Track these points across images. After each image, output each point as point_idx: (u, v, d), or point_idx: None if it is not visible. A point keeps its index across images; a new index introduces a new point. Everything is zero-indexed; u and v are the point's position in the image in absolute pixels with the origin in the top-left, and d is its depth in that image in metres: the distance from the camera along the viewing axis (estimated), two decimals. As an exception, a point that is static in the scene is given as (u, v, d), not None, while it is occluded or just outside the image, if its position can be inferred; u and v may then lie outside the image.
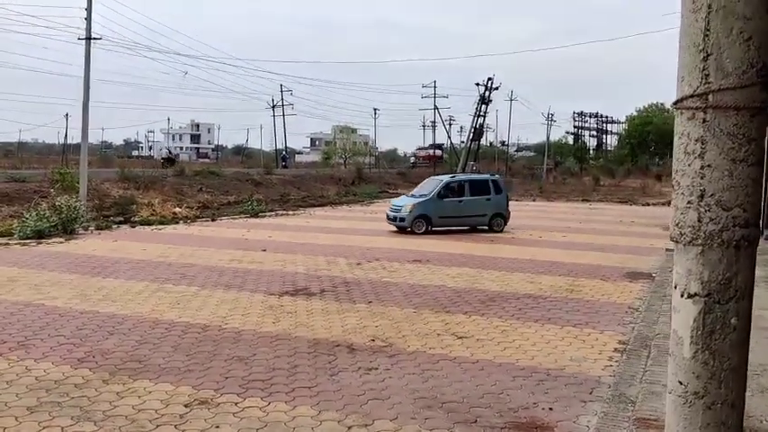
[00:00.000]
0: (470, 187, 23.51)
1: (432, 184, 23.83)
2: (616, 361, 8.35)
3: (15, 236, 19.12)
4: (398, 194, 46.03)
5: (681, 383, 2.79)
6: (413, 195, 23.81)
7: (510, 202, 24.33)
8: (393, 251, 17.61)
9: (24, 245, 17.93)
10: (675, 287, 2.83)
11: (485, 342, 9.09)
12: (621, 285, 13.39)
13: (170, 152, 66.31)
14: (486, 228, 23.09)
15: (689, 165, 2.74)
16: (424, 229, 21.98)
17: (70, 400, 6.69)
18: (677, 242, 2.82)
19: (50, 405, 6.53)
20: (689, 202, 2.74)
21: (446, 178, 24.36)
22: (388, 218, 23.01)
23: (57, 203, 20.85)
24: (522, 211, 33.20)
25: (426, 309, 10.97)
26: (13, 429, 5.95)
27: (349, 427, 6.16)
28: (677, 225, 2.80)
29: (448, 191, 23.08)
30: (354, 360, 8.17)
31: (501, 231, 22.99)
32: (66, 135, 76.22)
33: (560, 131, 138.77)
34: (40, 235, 19.10)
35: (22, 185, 27.47)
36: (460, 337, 9.28)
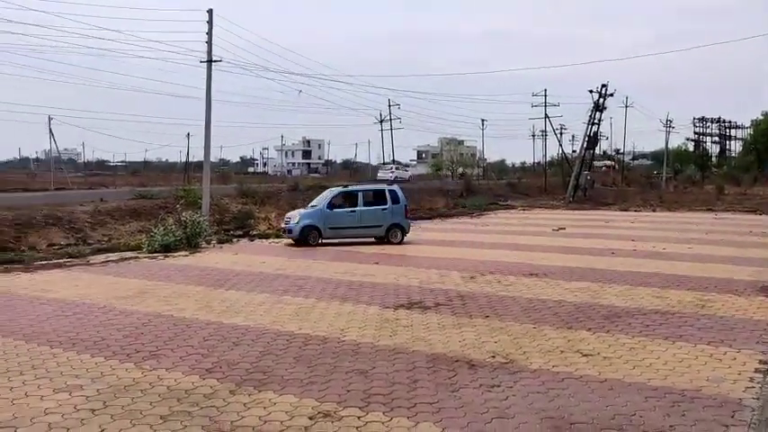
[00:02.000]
0: (364, 197, 23.39)
1: (325, 195, 23.82)
2: (758, 382, 7.73)
3: (144, 249, 20.23)
4: (510, 206, 45.39)
5: None
6: (311, 206, 23.47)
7: (627, 212, 23.26)
8: (507, 264, 17.25)
9: (152, 258, 18.91)
10: None
11: (612, 360, 8.66)
12: (757, 301, 12.47)
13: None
14: (384, 239, 22.83)
15: None
16: (317, 240, 21.97)
17: (200, 409, 6.89)
18: None
19: (182, 414, 6.75)
20: None
21: (337, 189, 24.29)
22: (282, 230, 23.30)
23: (181, 218, 21.92)
24: (642, 222, 31.83)
25: (546, 324, 10.61)
26: (149, 437, 6.18)
27: (474, 447, 5.99)
28: None
29: (339, 201, 23.13)
30: (475, 376, 7.98)
31: (399, 243, 22.63)
32: (187, 154, 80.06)
33: (679, 138, 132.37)
34: (166, 249, 20.10)
35: (149, 202, 29.12)
36: (585, 355, 8.89)
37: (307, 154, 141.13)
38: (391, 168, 53.85)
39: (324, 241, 22.38)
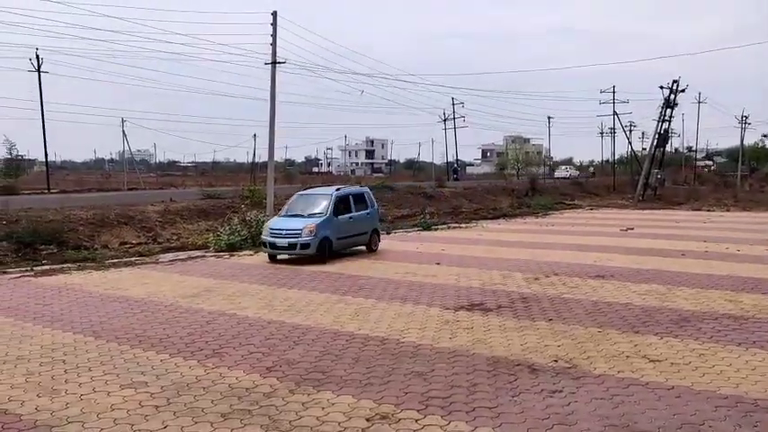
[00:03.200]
0: (354, 201, 20.01)
1: (317, 201, 19.47)
2: (841, 394, 7.30)
3: (211, 248, 20.70)
4: (576, 206, 44.47)
5: None
6: (291, 214, 19.06)
7: (699, 212, 22.32)
8: (572, 265, 16.87)
9: (219, 257, 19.32)
10: None
11: (680, 367, 8.34)
12: (841, 306, 11.80)
13: None
14: (368, 246, 20.26)
15: None
16: (326, 254, 18.15)
17: (259, 408, 6.97)
18: None
19: (242, 413, 6.84)
20: None
21: (334, 191, 19.80)
22: (266, 245, 18.41)
23: (246, 218, 22.31)
24: (715, 223, 30.67)
25: (612, 328, 10.31)
26: (210, 434, 6.28)
27: (534, 454, 5.85)
28: None
29: (341, 206, 19.29)
30: (536, 381, 7.82)
31: (376, 251, 20.19)
32: (254, 154, 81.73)
33: (756, 135, 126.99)
34: (232, 248, 20.51)
35: (216, 202, 29.78)
36: (652, 361, 8.59)
37: (370, 153, 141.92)
38: (566, 168, 51.79)
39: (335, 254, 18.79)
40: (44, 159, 47.00)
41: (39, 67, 44.98)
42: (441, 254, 19.44)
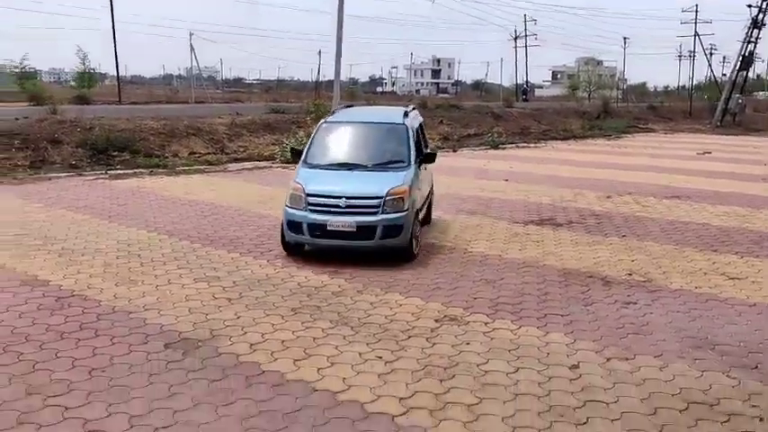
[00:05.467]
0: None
1: (384, 137, 10.22)
2: None
3: (277, 160, 20.84)
4: (650, 129, 42.83)
5: None
6: (339, 165, 9.58)
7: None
8: (646, 186, 16.27)
9: (284, 168, 19.42)
10: None
11: (762, 285, 8.00)
12: None
13: None
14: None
15: None
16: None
17: (328, 305, 7.02)
18: None
19: (311, 308, 6.91)
20: None
21: (406, 116, 10.37)
22: (300, 228, 8.80)
23: (311, 132, 22.26)
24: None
25: (689, 246, 9.94)
26: (279, 326, 6.37)
27: (608, 359, 5.73)
28: None
29: (418, 146, 10.11)
30: (610, 293, 7.62)
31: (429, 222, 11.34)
32: (318, 71, 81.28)
33: None
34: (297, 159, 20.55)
35: (281, 116, 29.80)
36: (732, 278, 8.26)
37: (436, 73, 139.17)
38: (739, 98, 48.57)
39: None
40: (114, 73, 47.83)
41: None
42: (509, 171, 19.04)
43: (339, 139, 10.19)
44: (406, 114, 10.39)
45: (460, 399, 5.00)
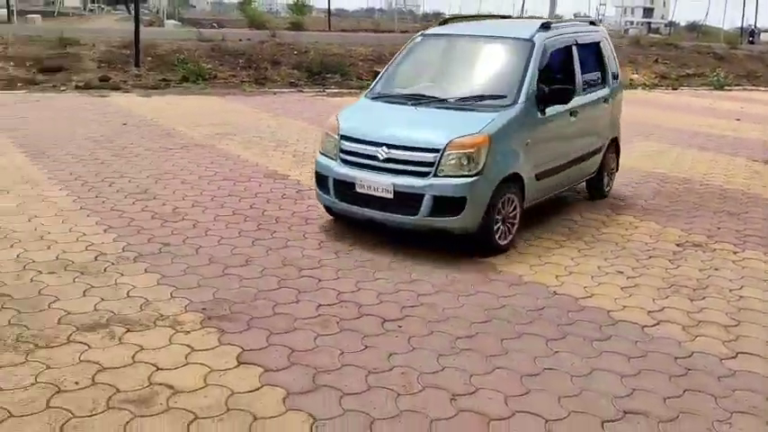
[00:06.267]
0: (582, 65, 7.06)
1: (487, 57, 6.79)
2: None
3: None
4: None
5: None
6: (406, 96, 6.34)
7: None
8: None
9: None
10: None
11: None
12: None
13: None
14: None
15: None
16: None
17: (558, 217, 6.82)
18: None
19: (537, 222, 6.75)
20: None
21: (535, 31, 6.46)
22: (320, 180, 6.16)
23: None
24: None
25: None
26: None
27: None
28: None
29: (552, 78, 6.37)
30: None
31: (606, 196, 7.91)
32: (522, 7, 78.55)
33: None
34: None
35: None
36: None
37: (648, 12, 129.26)
38: None
39: None
40: (319, 6, 49.55)
41: None
42: (740, 111, 17.30)
43: (426, 60, 6.95)
44: (546, 27, 6.57)
45: (715, 319, 4.66)
